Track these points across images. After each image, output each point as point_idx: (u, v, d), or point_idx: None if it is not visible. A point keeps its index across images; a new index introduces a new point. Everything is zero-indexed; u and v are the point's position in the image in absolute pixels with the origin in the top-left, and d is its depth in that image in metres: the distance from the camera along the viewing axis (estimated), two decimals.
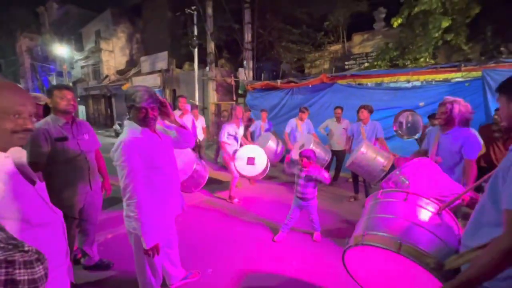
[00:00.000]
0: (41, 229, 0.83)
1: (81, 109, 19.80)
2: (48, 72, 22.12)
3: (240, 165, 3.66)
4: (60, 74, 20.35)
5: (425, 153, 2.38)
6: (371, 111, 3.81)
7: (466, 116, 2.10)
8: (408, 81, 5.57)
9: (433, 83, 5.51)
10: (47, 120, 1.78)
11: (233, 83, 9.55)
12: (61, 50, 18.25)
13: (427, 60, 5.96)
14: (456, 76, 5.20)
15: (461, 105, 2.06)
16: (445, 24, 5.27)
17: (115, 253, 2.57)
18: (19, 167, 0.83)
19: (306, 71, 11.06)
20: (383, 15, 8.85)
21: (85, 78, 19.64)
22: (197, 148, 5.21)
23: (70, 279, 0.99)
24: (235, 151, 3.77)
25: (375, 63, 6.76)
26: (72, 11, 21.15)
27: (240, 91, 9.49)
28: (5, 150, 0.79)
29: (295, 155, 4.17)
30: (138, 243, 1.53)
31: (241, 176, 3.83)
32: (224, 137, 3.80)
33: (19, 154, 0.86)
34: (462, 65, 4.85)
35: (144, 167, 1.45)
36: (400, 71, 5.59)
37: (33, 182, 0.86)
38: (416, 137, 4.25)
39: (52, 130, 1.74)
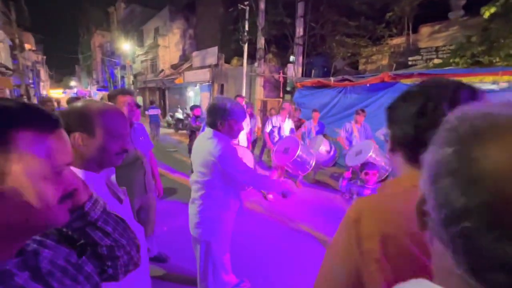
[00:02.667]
0: None
1: (139, 99, 21.87)
2: (114, 66, 24.92)
3: (277, 155, 3.56)
4: (123, 67, 22.76)
5: None
6: None
7: None
8: (496, 82, 4.63)
9: None
10: None
11: (281, 79, 9.34)
12: (126, 46, 20.31)
13: None
14: None
15: None
16: None
17: (171, 247, 2.68)
18: (109, 186, 0.82)
19: (361, 67, 10.21)
20: (463, 2, 7.56)
21: (144, 72, 21.57)
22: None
23: None
24: (276, 143, 3.73)
25: (452, 60, 5.79)
26: (136, 9, 23.26)
27: (288, 88, 9.23)
28: (100, 170, 0.78)
29: (349, 161, 3.83)
30: (206, 250, 1.54)
31: (279, 168, 3.72)
32: (268, 128, 3.97)
33: (109, 172, 0.85)
34: None
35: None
36: (486, 70, 4.68)
37: (120, 200, 0.84)
38: None
39: None
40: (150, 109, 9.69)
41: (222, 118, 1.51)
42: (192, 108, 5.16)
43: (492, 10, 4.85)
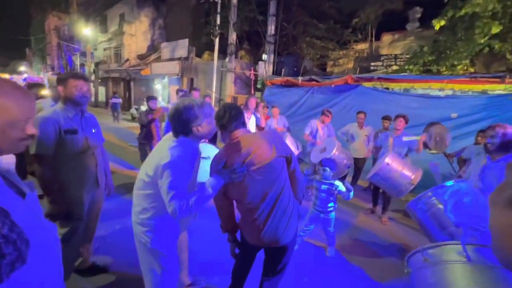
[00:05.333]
0: (32, 250, 0.69)
1: (101, 90, 20.25)
2: (73, 52, 22.70)
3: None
4: (83, 54, 20.83)
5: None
6: (407, 122, 3.52)
7: None
8: (442, 90, 5.14)
9: (470, 93, 5.06)
10: (56, 111, 1.65)
11: (252, 76, 9.32)
12: (86, 31, 18.60)
13: (466, 68, 5.46)
14: (497, 88, 4.72)
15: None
16: (496, 29, 4.75)
17: (123, 245, 2.49)
18: (6, 177, 0.69)
19: (328, 69, 10.65)
20: (419, 15, 8.26)
21: (106, 60, 19.99)
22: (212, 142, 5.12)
23: None
24: None
25: (406, 67, 6.30)
26: None
27: (258, 86, 9.25)
28: None
29: (314, 158, 3.95)
30: (151, 256, 1.43)
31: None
32: None
33: (6, 161, 0.72)
34: (507, 76, 4.37)
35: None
36: (434, 77, 5.16)
37: (23, 195, 0.72)
38: (442, 151, 3.89)
39: (61, 121, 1.61)
40: (113, 98, 12.51)
41: (197, 121, 1.32)
42: (148, 99, 4.41)
43: (442, 23, 5.37)
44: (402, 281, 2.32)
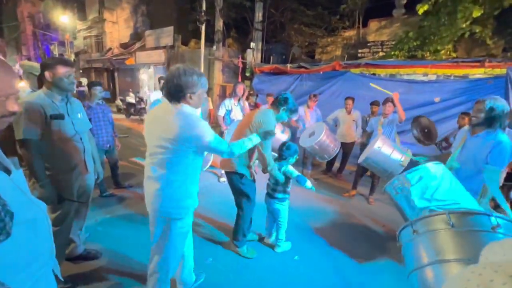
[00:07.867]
0: (21, 227, 0.68)
1: (83, 82, 19.43)
2: (50, 41, 21.48)
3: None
4: (62, 43, 19.76)
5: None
6: (395, 106, 3.58)
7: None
8: (426, 74, 5.28)
9: (452, 78, 5.24)
10: (41, 95, 1.60)
11: (240, 64, 9.19)
12: (63, 18, 17.58)
13: (449, 53, 5.61)
14: (477, 72, 4.91)
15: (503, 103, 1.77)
16: (477, 13, 4.88)
17: (113, 233, 2.51)
18: None
19: (317, 56, 10.64)
20: (404, 1, 8.32)
21: (87, 49, 19.08)
22: None
23: (58, 276, 0.87)
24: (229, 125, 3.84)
25: (392, 53, 6.40)
26: None
27: (247, 74, 9.16)
28: None
29: (303, 142, 4.01)
30: (166, 227, 1.43)
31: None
32: (222, 111, 3.95)
33: None
34: (487, 60, 4.54)
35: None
36: (418, 63, 5.29)
37: (8, 172, 0.70)
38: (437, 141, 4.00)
39: (47, 106, 1.57)
40: (79, 87, 13.16)
41: (192, 91, 1.33)
42: (93, 84, 3.02)
43: (425, 7, 5.44)
44: (387, 260, 2.45)
